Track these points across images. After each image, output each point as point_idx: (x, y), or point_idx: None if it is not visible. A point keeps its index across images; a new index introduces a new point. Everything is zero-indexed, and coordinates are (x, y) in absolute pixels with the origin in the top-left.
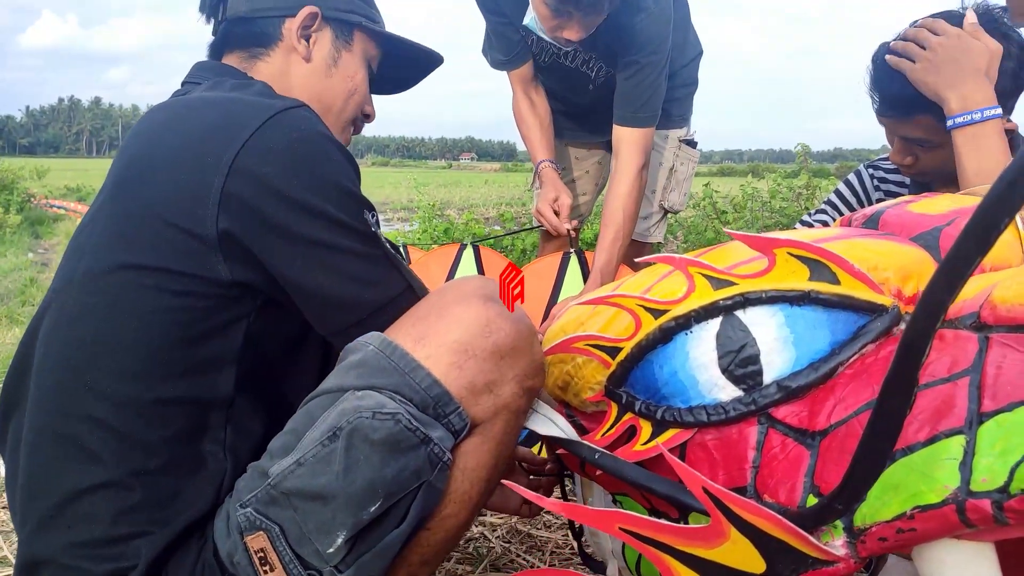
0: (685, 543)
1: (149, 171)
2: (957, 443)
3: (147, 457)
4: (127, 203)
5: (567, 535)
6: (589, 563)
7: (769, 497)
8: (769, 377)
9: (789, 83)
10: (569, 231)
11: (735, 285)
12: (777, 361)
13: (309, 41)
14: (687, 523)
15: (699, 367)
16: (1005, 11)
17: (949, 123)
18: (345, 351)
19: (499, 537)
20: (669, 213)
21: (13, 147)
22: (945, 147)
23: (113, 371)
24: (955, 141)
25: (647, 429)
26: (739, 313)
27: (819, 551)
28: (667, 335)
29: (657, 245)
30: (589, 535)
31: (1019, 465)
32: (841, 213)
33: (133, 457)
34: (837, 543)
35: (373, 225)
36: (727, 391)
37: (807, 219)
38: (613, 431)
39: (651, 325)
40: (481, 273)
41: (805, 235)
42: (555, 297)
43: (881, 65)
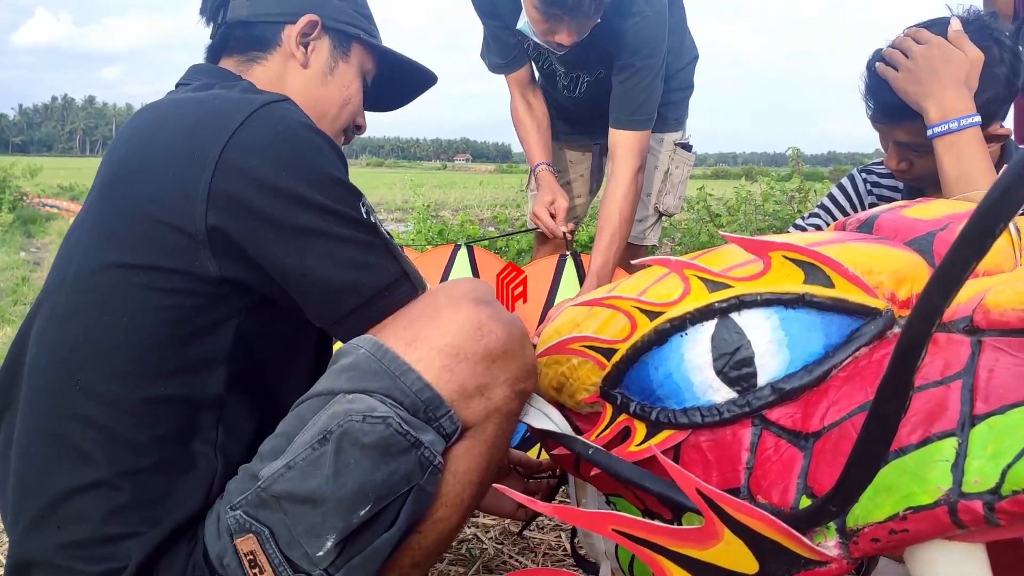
0: (678, 544)
1: (137, 170)
2: (949, 445)
3: (137, 456)
4: (116, 202)
5: (560, 536)
6: (582, 564)
7: (763, 498)
8: (763, 379)
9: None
10: (565, 234)
11: (730, 288)
12: (771, 363)
13: (307, 48)
14: (680, 524)
15: (694, 369)
16: (995, 17)
17: (929, 132)
18: (336, 354)
19: (492, 538)
20: (664, 216)
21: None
22: None
23: (104, 370)
24: (936, 150)
25: (641, 430)
26: (734, 315)
27: (812, 552)
28: (662, 337)
29: (652, 248)
30: (582, 536)
31: (1010, 467)
32: (835, 217)
33: (123, 456)
34: (830, 544)
35: (366, 213)
36: (721, 393)
37: (800, 223)
38: (608, 432)
39: (646, 327)
40: (476, 274)
41: (800, 238)
42: (551, 299)
43: (874, 72)
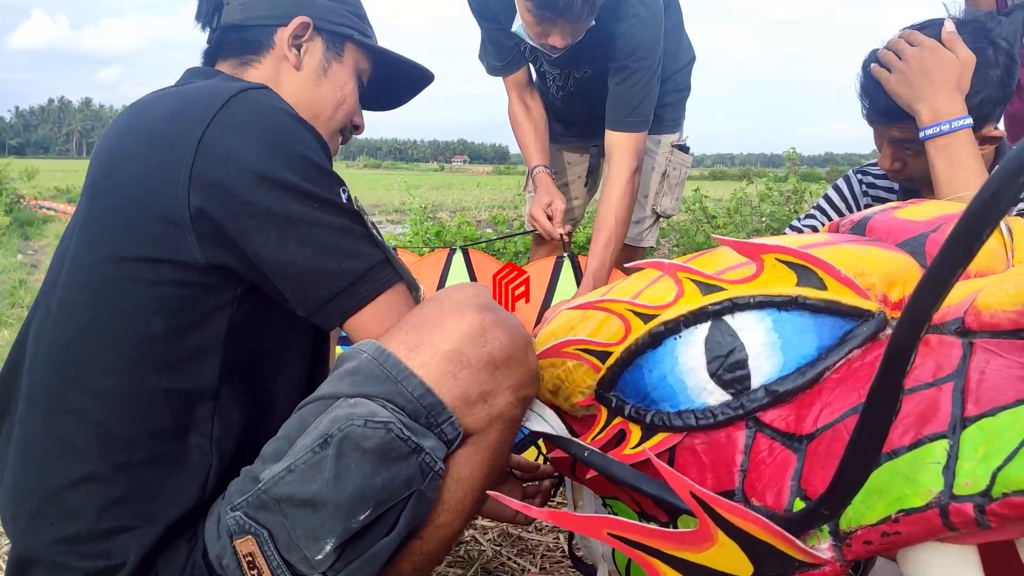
0: (673, 547)
1: (121, 162)
2: (941, 447)
3: (131, 450)
4: (104, 197)
5: (558, 538)
6: (580, 566)
7: (757, 500)
8: (757, 381)
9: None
10: (562, 235)
11: (723, 290)
12: (765, 366)
13: (300, 50)
14: (676, 526)
15: (688, 371)
16: (993, 18)
17: (921, 135)
18: (340, 358)
19: (490, 540)
20: (661, 217)
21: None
22: None
23: (98, 365)
24: (928, 152)
25: (636, 433)
26: (727, 318)
27: (806, 554)
28: (656, 340)
29: (649, 249)
30: (579, 538)
31: (1000, 469)
32: (830, 218)
33: (117, 450)
34: (823, 546)
35: (347, 199)
36: (715, 395)
37: (796, 224)
38: (603, 435)
39: (640, 330)
40: (472, 277)
41: (792, 241)
42: (548, 301)
43: (869, 72)
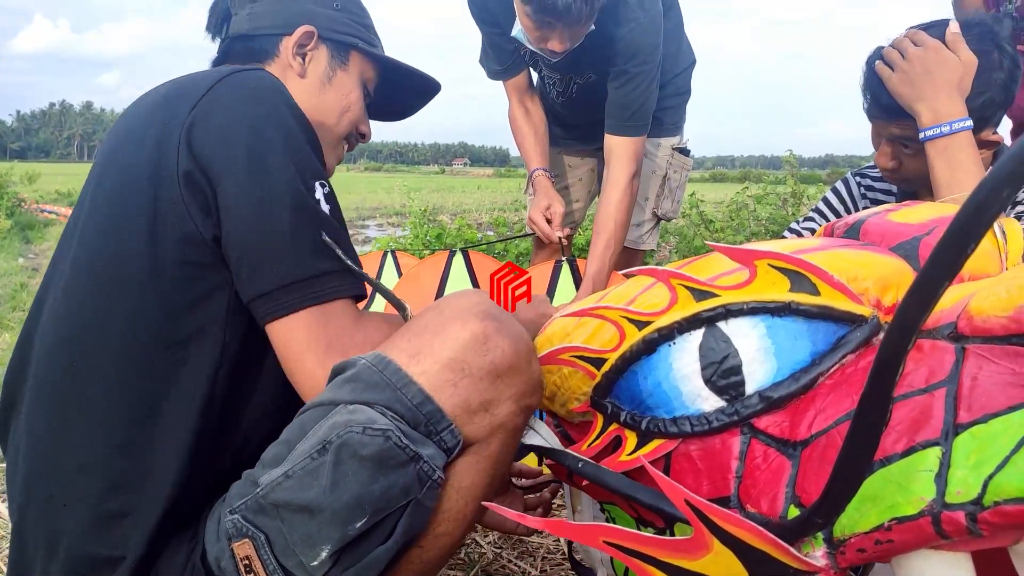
0: (669, 555)
1: (119, 148)
2: (933, 455)
3: (131, 432)
4: (104, 185)
5: (558, 541)
6: (579, 570)
7: (752, 507)
8: (751, 387)
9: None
10: (561, 239)
11: (717, 297)
12: (759, 372)
13: (304, 59)
14: (673, 532)
15: (682, 378)
16: (998, 21)
17: (921, 136)
18: (340, 365)
19: (491, 543)
20: (662, 220)
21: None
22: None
23: (99, 347)
24: (928, 153)
25: (632, 439)
26: (721, 324)
27: (800, 562)
28: (650, 346)
29: (650, 252)
30: (579, 543)
31: (992, 477)
32: (828, 220)
33: (118, 432)
34: (817, 554)
35: (320, 193)
36: (710, 402)
37: (795, 227)
38: (599, 441)
39: (635, 336)
40: (473, 278)
41: (785, 246)
42: None
43: (873, 68)
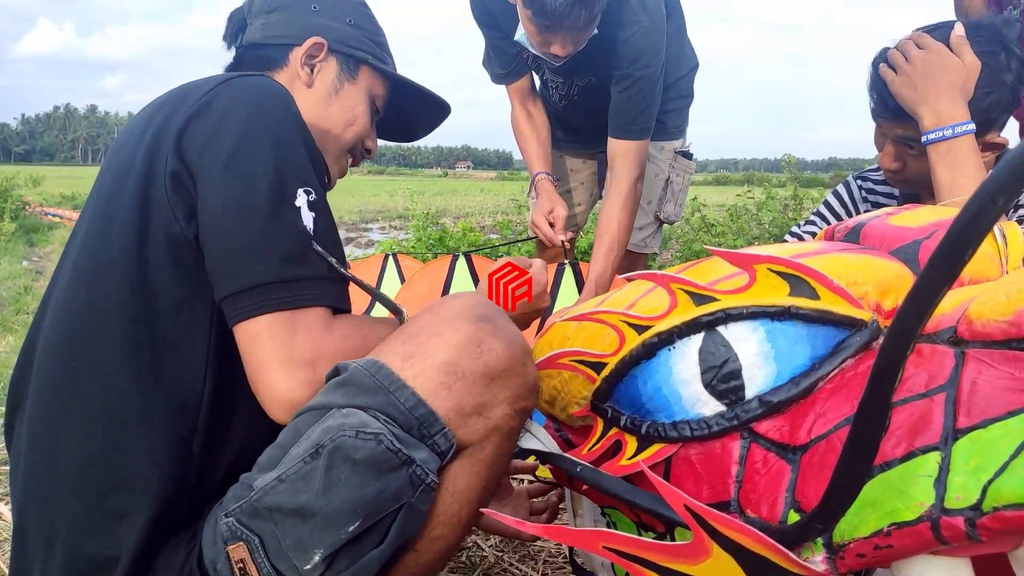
0: (669, 560)
1: (120, 151)
2: (933, 459)
3: (126, 432)
4: (104, 185)
5: (560, 544)
6: (580, 574)
7: (751, 512)
8: (751, 392)
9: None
10: (563, 242)
11: (716, 301)
12: (759, 376)
13: (313, 69)
14: (673, 537)
15: (682, 382)
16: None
17: (923, 139)
18: (333, 369)
19: (492, 546)
20: (665, 224)
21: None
22: None
23: (95, 346)
24: (930, 157)
25: (632, 444)
26: (721, 329)
27: (800, 567)
28: (650, 351)
29: (652, 256)
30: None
31: (991, 483)
32: (829, 224)
33: (114, 432)
34: (817, 559)
35: (302, 200)
36: (710, 406)
37: (797, 230)
38: (599, 446)
39: (635, 341)
40: (476, 282)
41: (785, 250)
42: (550, 308)
43: (877, 70)
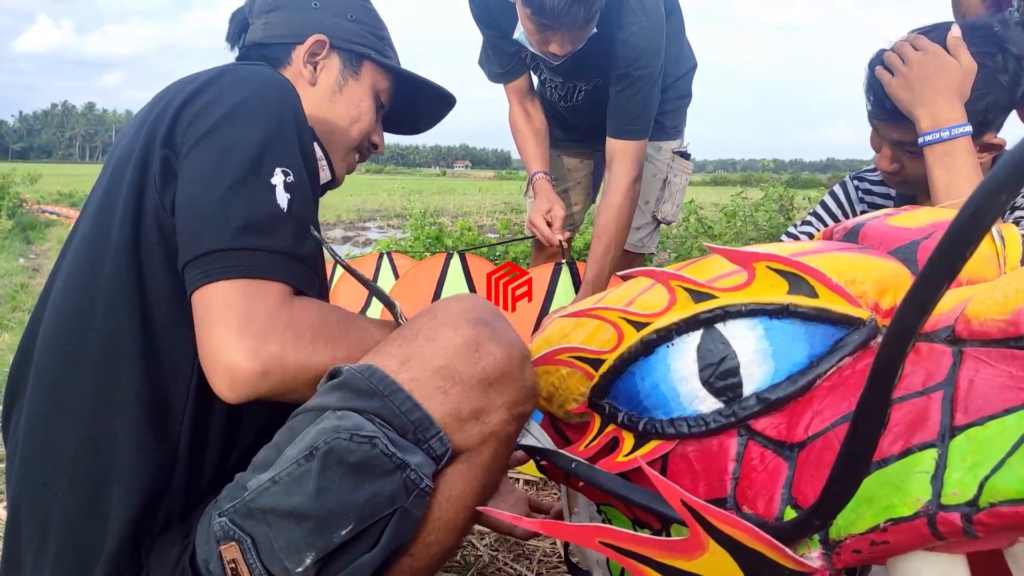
0: (665, 555)
1: (121, 141)
2: (930, 456)
3: (117, 421)
4: (104, 175)
5: (555, 543)
6: (576, 572)
7: (748, 508)
8: (749, 389)
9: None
10: (561, 242)
11: (715, 298)
12: (756, 373)
13: (316, 67)
14: (669, 533)
15: (680, 379)
16: (1004, 23)
17: (920, 141)
18: (328, 372)
19: (487, 545)
20: (662, 224)
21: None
22: None
23: (91, 334)
24: (926, 159)
25: (629, 440)
26: (719, 326)
27: (796, 563)
28: (649, 347)
29: (649, 256)
30: (575, 545)
31: (988, 479)
32: (826, 224)
33: (106, 421)
34: (813, 555)
35: (278, 178)
36: (708, 403)
37: (793, 231)
38: (596, 442)
39: (633, 337)
40: (470, 281)
41: (783, 249)
42: (546, 308)
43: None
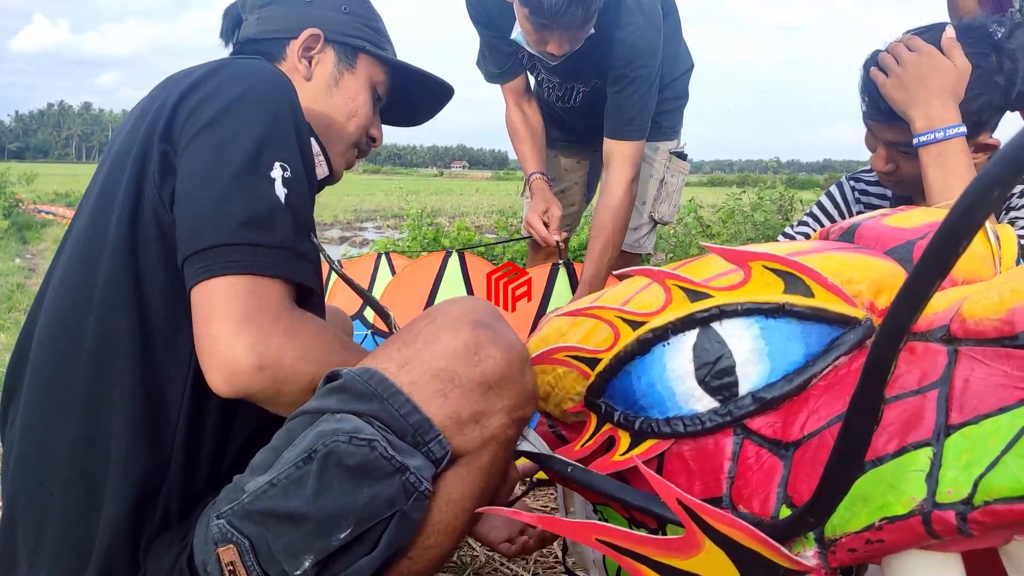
0: (661, 554)
1: (119, 136)
2: (925, 455)
3: (113, 419)
4: (101, 172)
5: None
6: (572, 573)
7: (744, 507)
8: (744, 388)
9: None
10: (558, 242)
11: (711, 297)
12: (752, 373)
13: (311, 62)
14: (665, 532)
15: (676, 378)
16: (1000, 24)
17: (915, 141)
18: (326, 375)
19: (483, 545)
20: (659, 224)
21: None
22: None
23: (87, 330)
24: (921, 159)
25: (625, 440)
26: (715, 325)
27: (791, 562)
28: (645, 346)
29: (646, 256)
30: (571, 545)
31: (982, 477)
32: (823, 225)
33: (102, 418)
34: (808, 554)
35: (277, 172)
36: (703, 402)
37: (790, 231)
38: (592, 442)
39: (629, 336)
40: (467, 281)
41: (780, 248)
42: (543, 308)
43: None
